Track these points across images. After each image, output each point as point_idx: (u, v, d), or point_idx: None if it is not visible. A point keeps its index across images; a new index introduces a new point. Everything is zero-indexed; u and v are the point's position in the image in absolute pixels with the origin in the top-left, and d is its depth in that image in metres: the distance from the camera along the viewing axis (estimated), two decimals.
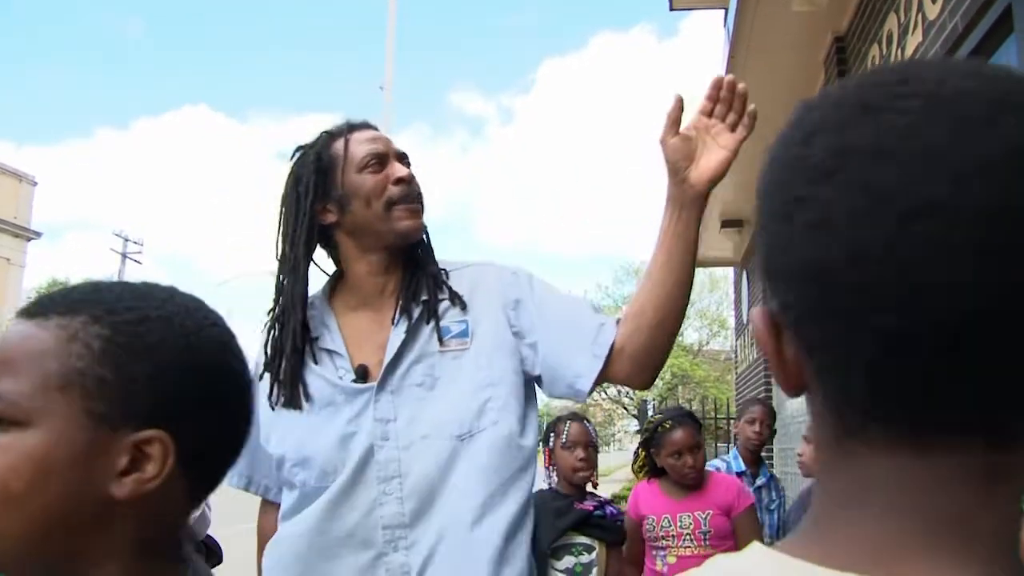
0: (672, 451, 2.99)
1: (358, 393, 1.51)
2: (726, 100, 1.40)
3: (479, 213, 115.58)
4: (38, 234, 28.23)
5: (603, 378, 1.52)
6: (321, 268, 1.66)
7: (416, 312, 1.55)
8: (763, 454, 4.09)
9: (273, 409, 1.55)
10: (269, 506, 1.69)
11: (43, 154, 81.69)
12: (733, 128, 1.41)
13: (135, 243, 33.44)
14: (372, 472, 1.47)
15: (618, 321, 1.54)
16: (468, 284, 1.61)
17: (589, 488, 2.87)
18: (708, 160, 1.41)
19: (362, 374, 1.53)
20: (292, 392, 1.53)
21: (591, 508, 2.73)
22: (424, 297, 1.56)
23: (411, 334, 1.53)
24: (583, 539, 2.67)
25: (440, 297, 1.57)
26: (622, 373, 1.52)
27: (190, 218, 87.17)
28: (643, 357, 1.50)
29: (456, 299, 1.58)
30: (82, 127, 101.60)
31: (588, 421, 2.99)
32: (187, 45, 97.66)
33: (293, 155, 1.65)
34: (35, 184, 27.85)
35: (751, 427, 3.96)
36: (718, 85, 1.40)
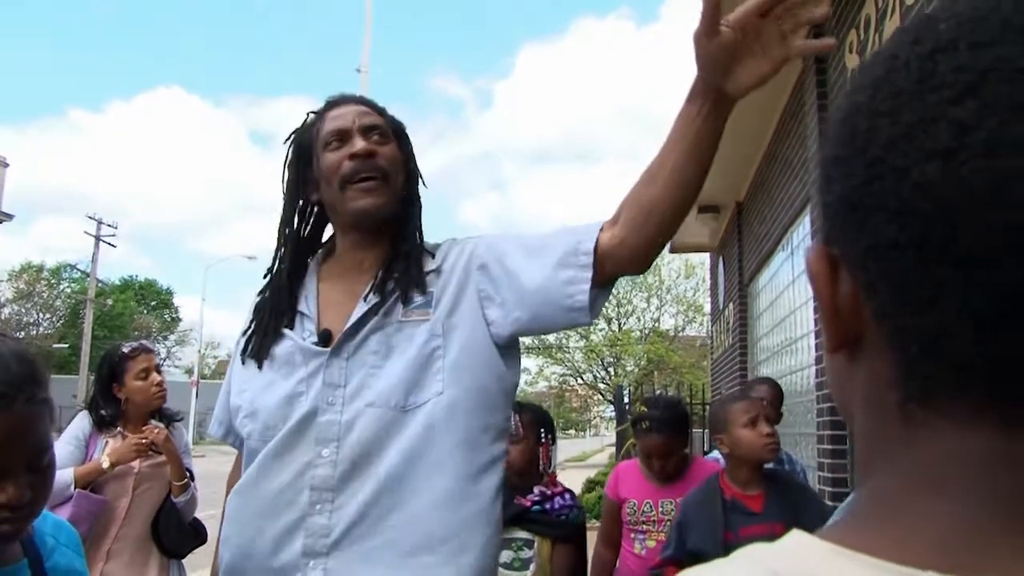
0: (644, 451, 3.03)
1: (315, 355, 1.54)
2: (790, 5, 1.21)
3: (459, 196, 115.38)
4: (10, 216, 27.82)
5: (603, 280, 1.44)
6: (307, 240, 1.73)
7: (389, 285, 1.55)
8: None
9: (244, 363, 1.64)
10: (240, 457, 1.74)
11: (15, 135, 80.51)
12: (784, 37, 1.23)
13: (109, 226, 33.10)
14: (311, 434, 1.48)
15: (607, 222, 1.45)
16: (440, 258, 1.61)
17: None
18: (751, 69, 1.24)
19: (325, 338, 1.56)
20: (260, 349, 1.61)
21: (528, 504, 2.64)
22: (398, 272, 1.56)
23: (377, 305, 1.54)
24: (523, 534, 2.63)
25: (415, 271, 1.57)
26: (622, 266, 1.44)
27: (169, 200, 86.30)
28: (650, 248, 1.42)
29: (429, 272, 1.58)
30: (54, 108, 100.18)
31: (542, 410, 2.92)
32: (160, 25, 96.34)
33: (287, 138, 1.71)
34: (6, 166, 27.41)
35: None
36: None
